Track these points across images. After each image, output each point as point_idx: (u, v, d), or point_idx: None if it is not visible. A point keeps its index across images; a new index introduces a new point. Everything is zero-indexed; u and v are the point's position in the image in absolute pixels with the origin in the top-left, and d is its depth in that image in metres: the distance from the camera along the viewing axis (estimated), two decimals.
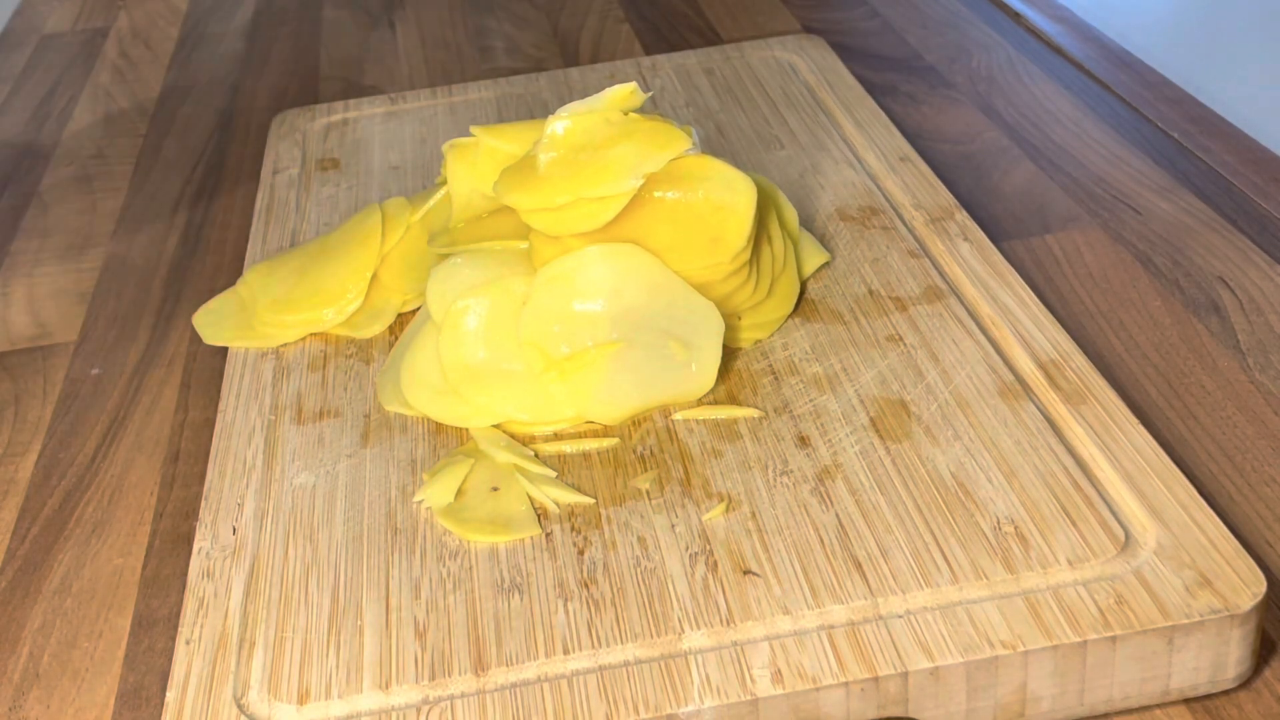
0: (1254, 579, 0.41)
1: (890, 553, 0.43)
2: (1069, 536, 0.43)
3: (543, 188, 0.52)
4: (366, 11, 1.04)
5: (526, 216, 0.53)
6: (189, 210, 0.78)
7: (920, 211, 0.61)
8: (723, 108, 0.74)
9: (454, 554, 0.46)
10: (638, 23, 0.96)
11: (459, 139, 0.60)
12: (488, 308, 0.52)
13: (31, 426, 0.61)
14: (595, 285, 0.52)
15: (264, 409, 0.54)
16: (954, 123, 0.76)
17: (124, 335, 0.67)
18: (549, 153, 0.53)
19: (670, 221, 0.53)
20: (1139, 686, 0.41)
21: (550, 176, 0.52)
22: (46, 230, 0.78)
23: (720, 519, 0.46)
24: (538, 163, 0.53)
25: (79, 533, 0.54)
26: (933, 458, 0.47)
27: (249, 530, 0.48)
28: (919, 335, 0.53)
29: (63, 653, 0.48)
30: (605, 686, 0.40)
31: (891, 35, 0.88)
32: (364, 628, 0.43)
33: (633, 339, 0.51)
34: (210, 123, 0.89)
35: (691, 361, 0.51)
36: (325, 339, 0.58)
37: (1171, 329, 0.57)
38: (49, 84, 0.98)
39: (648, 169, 0.52)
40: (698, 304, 0.52)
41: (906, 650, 0.40)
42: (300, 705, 0.41)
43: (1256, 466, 0.50)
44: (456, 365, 0.52)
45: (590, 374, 0.51)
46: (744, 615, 0.42)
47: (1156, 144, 0.71)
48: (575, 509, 0.47)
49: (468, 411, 0.51)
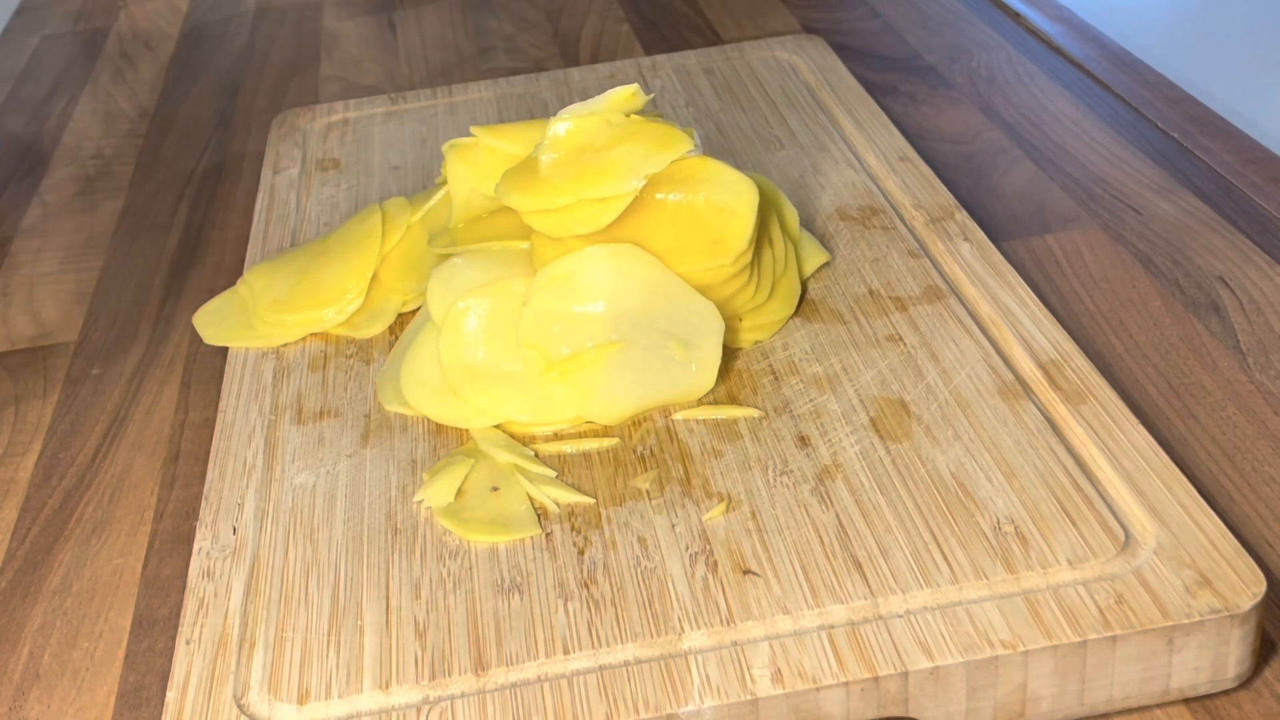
0: (1254, 579, 0.41)
1: (890, 552, 0.43)
2: (1069, 536, 0.43)
3: (544, 189, 0.52)
4: (367, 11, 1.05)
5: (528, 218, 0.53)
6: (189, 210, 0.78)
7: (920, 211, 0.61)
8: (723, 108, 0.74)
9: (454, 554, 0.46)
10: (638, 23, 0.96)
11: (459, 139, 0.60)
12: (488, 308, 0.52)
13: (32, 426, 0.61)
14: (595, 286, 0.52)
15: (264, 409, 0.54)
16: (954, 123, 0.76)
17: (124, 335, 0.67)
18: (550, 154, 0.53)
19: (671, 223, 0.53)
20: (1139, 686, 0.41)
21: (551, 178, 0.52)
22: (47, 230, 0.78)
23: (720, 519, 0.46)
24: (539, 164, 0.53)
25: (79, 533, 0.54)
26: (933, 458, 0.47)
27: (249, 530, 0.48)
28: (919, 335, 0.53)
29: (63, 653, 0.49)
30: (605, 686, 0.40)
31: (891, 35, 0.88)
32: (364, 628, 0.43)
33: (633, 339, 0.51)
34: (210, 123, 0.89)
35: (691, 362, 0.51)
36: (325, 339, 0.58)
37: (1171, 329, 0.57)
38: (49, 84, 0.98)
39: (649, 170, 0.52)
40: (698, 304, 0.52)
41: (906, 650, 0.40)
42: (300, 705, 0.41)
43: (1256, 466, 0.50)
44: (456, 366, 0.52)
45: (590, 375, 0.51)
46: (744, 615, 0.42)
47: (1156, 144, 0.71)
48: (575, 509, 0.47)
49: (467, 412, 0.51)
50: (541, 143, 0.54)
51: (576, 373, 0.51)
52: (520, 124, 0.59)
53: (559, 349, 0.51)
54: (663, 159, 0.52)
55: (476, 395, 0.51)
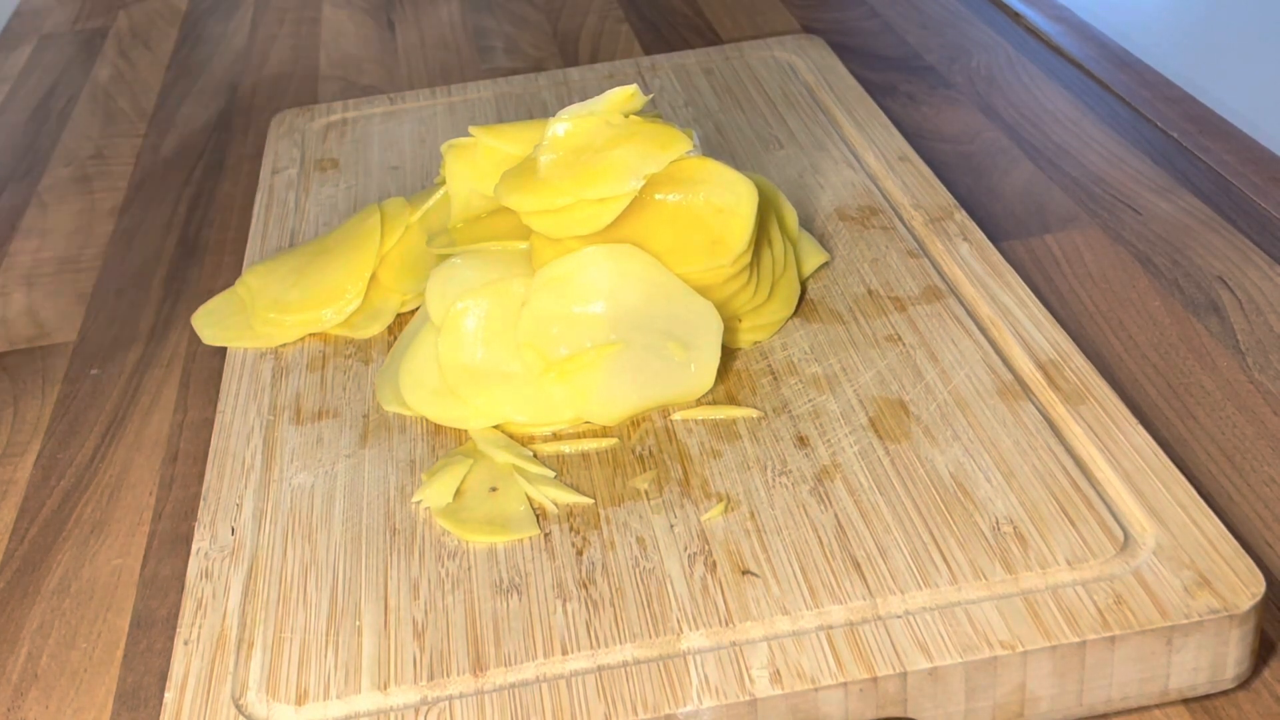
0: (1253, 579, 0.41)
1: (889, 553, 0.43)
2: (1068, 537, 0.43)
3: (543, 190, 0.52)
4: (366, 11, 1.04)
5: (527, 218, 0.52)
6: (188, 210, 0.78)
7: (919, 211, 0.61)
8: (722, 108, 0.74)
9: (452, 554, 0.46)
10: (637, 23, 0.95)
11: (458, 139, 0.60)
12: (486, 309, 0.52)
13: (30, 427, 0.61)
14: (594, 286, 0.52)
15: (263, 409, 0.54)
16: (953, 122, 0.76)
17: (123, 335, 0.67)
18: (549, 154, 0.53)
19: (671, 224, 0.53)
20: (1138, 687, 0.41)
21: (550, 178, 0.52)
22: (46, 230, 0.78)
23: (719, 519, 0.46)
24: (538, 165, 0.53)
25: (78, 533, 0.54)
26: (931, 458, 0.47)
27: (247, 531, 0.48)
28: (918, 335, 0.53)
29: (61, 653, 0.48)
30: (604, 687, 0.40)
31: (891, 35, 0.88)
32: (362, 628, 0.43)
33: (631, 340, 0.51)
34: (209, 123, 0.89)
35: (690, 362, 0.51)
36: (324, 339, 0.58)
37: (1171, 329, 0.57)
38: (48, 84, 0.98)
39: (648, 171, 0.52)
40: (696, 304, 0.52)
41: (905, 650, 0.40)
42: (298, 706, 0.41)
43: (1256, 466, 0.50)
44: (455, 366, 0.52)
45: (589, 375, 0.51)
46: (742, 615, 0.42)
47: (1156, 144, 0.71)
48: (574, 509, 0.47)
49: (466, 413, 0.51)
50: (541, 143, 0.54)
51: (575, 373, 0.51)
52: (519, 124, 0.59)
53: (558, 349, 0.51)
54: (662, 159, 0.52)
55: (475, 396, 0.51)
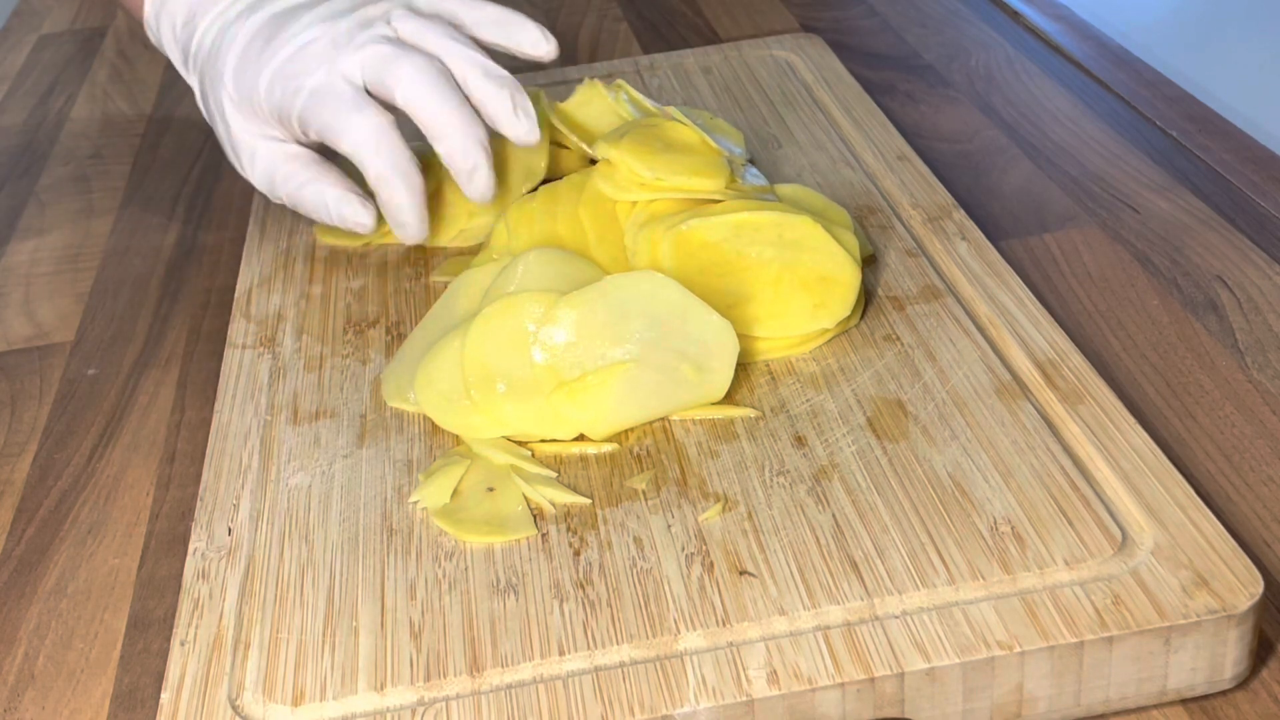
0: (1251, 579, 0.41)
1: (886, 553, 0.43)
2: (1066, 537, 0.43)
3: (644, 155, 0.57)
4: None
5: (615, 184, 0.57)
6: (186, 210, 0.78)
7: (918, 210, 0.61)
8: (721, 107, 0.74)
9: (449, 555, 0.46)
10: (636, 22, 0.95)
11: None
12: (517, 317, 0.51)
13: (28, 427, 0.60)
14: (615, 309, 0.50)
15: (260, 409, 0.54)
16: (952, 121, 0.76)
17: (121, 335, 0.66)
18: (649, 128, 0.59)
19: (774, 284, 0.53)
20: (1136, 687, 0.41)
21: (648, 154, 0.57)
22: (43, 230, 0.78)
23: (716, 519, 0.46)
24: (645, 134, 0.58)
25: (75, 533, 0.54)
26: (929, 458, 0.47)
27: (244, 531, 0.48)
28: (916, 335, 0.53)
29: (58, 654, 0.48)
30: (601, 687, 0.40)
31: (889, 34, 0.88)
32: (359, 629, 0.43)
33: (645, 359, 0.50)
34: (207, 122, 0.89)
35: (702, 383, 0.50)
36: (323, 339, 0.58)
37: (1169, 328, 0.57)
38: (47, 83, 0.98)
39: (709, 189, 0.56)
40: (713, 323, 0.50)
41: (903, 651, 0.40)
42: (295, 707, 0.41)
43: (1254, 466, 0.50)
44: (477, 367, 0.50)
45: (600, 395, 0.50)
46: (740, 616, 0.42)
47: (1155, 142, 0.71)
48: (571, 509, 0.47)
49: (479, 421, 0.50)
50: (649, 119, 0.60)
51: (586, 393, 0.50)
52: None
53: (571, 370, 0.50)
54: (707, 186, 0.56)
55: (489, 403, 0.50)
